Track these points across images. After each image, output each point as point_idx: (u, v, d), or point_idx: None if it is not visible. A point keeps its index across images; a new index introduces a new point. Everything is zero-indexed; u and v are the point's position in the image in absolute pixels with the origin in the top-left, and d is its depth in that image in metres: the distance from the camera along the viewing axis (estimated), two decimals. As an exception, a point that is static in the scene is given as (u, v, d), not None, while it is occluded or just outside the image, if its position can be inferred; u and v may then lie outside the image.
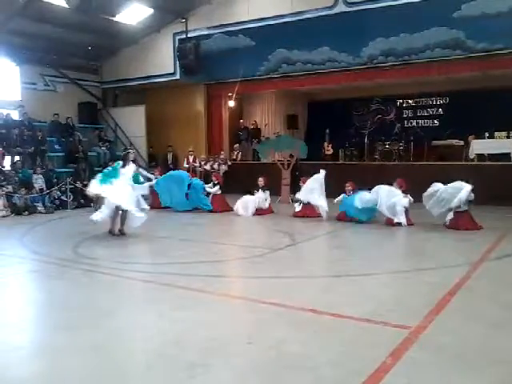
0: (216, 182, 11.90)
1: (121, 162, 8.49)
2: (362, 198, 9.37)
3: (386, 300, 4.80)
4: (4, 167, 12.77)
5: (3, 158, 12.95)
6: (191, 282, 5.50)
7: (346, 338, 3.84)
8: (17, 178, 12.36)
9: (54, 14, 13.20)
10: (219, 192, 11.81)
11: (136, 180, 8.55)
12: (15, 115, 14.64)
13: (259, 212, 10.88)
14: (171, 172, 12.56)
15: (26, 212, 11.62)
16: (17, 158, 13.42)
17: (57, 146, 14.98)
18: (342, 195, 9.98)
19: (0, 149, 12.79)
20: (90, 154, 15.30)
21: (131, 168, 8.47)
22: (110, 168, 8.68)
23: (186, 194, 11.66)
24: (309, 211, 10.38)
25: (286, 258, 6.92)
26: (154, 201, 11.85)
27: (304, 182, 10.65)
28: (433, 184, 9.01)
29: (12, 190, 11.84)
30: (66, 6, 12.91)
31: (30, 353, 3.75)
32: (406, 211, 9.20)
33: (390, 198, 9.01)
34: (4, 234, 9.46)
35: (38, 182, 12.69)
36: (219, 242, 8.29)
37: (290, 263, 6.58)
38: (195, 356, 3.50)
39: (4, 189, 11.68)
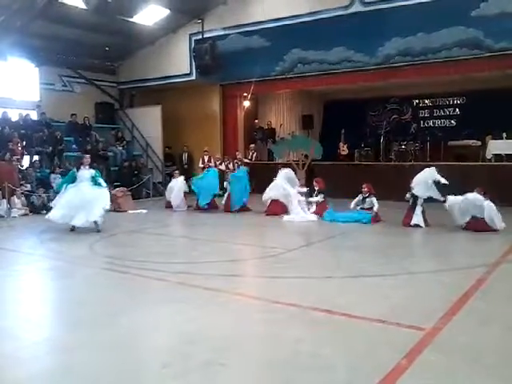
0: None
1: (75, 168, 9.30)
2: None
3: (401, 301, 4.77)
4: (23, 166, 12.97)
5: (22, 158, 13.15)
6: (206, 281, 5.54)
7: (361, 338, 3.83)
8: (34, 178, 12.53)
9: (72, 16, 13.37)
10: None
11: (95, 182, 9.07)
12: (34, 115, 14.87)
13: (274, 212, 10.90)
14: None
15: (44, 211, 11.77)
16: (35, 157, 13.62)
17: (74, 146, 15.16)
18: (359, 196, 9.93)
19: (19, 149, 12.98)
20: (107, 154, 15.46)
21: (87, 172, 9.08)
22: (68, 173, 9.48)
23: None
24: (322, 212, 10.34)
25: (301, 259, 6.91)
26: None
27: (318, 183, 10.63)
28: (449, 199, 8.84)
29: (30, 189, 12.03)
30: (84, 7, 13.06)
31: (46, 349, 3.81)
32: (423, 212, 9.13)
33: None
34: (22, 233, 9.62)
35: (56, 181, 12.84)
36: (234, 241, 8.32)
37: (304, 263, 6.57)
38: (210, 355, 3.53)
39: (23, 188, 11.87)
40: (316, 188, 10.66)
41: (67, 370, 3.40)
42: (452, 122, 16.97)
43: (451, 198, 8.73)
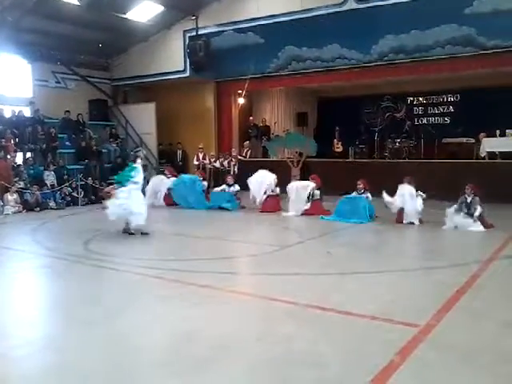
0: (231, 184, 11.92)
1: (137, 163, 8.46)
2: None
3: (394, 298, 4.79)
4: (16, 163, 12.89)
5: (15, 155, 13.07)
6: (201, 278, 5.54)
7: (354, 335, 3.85)
8: (26, 175, 12.46)
9: (65, 12, 13.29)
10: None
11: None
12: (27, 112, 14.77)
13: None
14: (182, 177, 12.64)
15: (38, 208, 11.73)
16: (28, 154, 13.55)
17: (68, 143, 15.09)
18: (353, 193, 9.94)
19: (12, 145, 12.89)
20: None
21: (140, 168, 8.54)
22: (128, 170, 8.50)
23: (206, 196, 12.06)
24: (317, 209, 10.36)
25: (295, 256, 6.93)
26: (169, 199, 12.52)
27: (314, 180, 10.63)
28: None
29: (24, 186, 11.96)
30: (78, 3, 12.99)
31: (41, 348, 3.80)
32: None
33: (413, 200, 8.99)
34: (16, 230, 9.57)
35: (50, 178, 12.80)
36: (229, 238, 8.32)
37: (298, 260, 6.59)
38: (205, 352, 3.53)
39: (16, 185, 11.80)
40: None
41: (61, 368, 3.39)
42: (446, 119, 17.05)
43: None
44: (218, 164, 15.34)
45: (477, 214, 8.43)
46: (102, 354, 3.56)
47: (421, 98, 17.56)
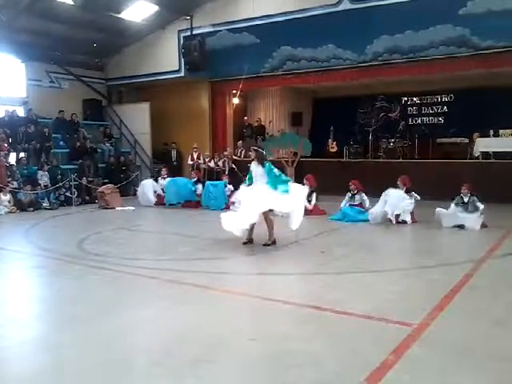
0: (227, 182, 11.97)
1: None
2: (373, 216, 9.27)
3: (389, 297, 4.80)
4: (9, 163, 12.82)
5: (8, 155, 13.00)
6: (195, 278, 5.53)
7: (349, 334, 3.85)
8: (19, 175, 12.39)
9: (59, 11, 13.25)
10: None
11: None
12: (20, 112, 14.69)
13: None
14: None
15: (31, 208, 11.67)
16: (22, 154, 13.48)
17: (61, 143, 15.04)
18: (348, 194, 9.95)
19: (5, 145, 12.83)
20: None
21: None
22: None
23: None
24: (313, 209, 10.37)
25: (291, 255, 6.93)
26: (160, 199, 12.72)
27: (309, 180, 10.62)
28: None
29: (17, 186, 11.90)
30: (72, 3, 12.93)
31: (34, 348, 3.78)
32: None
33: (399, 202, 9.02)
34: (9, 230, 9.52)
35: (43, 178, 12.74)
36: (223, 238, 8.29)
37: (294, 260, 6.59)
38: (199, 352, 3.52)
39: (10, 185, 11.73)
40: (306, 186, 10.62)
41: (55, 369, 3.37)
42: (440, 119, 17.08)
43: (438, 210, 8.82)
44: (212, 164, 15.32)
45: (481, 209, 8.52)
46: (95, 354, 3.54)
47: (415, 98, 17.58)
